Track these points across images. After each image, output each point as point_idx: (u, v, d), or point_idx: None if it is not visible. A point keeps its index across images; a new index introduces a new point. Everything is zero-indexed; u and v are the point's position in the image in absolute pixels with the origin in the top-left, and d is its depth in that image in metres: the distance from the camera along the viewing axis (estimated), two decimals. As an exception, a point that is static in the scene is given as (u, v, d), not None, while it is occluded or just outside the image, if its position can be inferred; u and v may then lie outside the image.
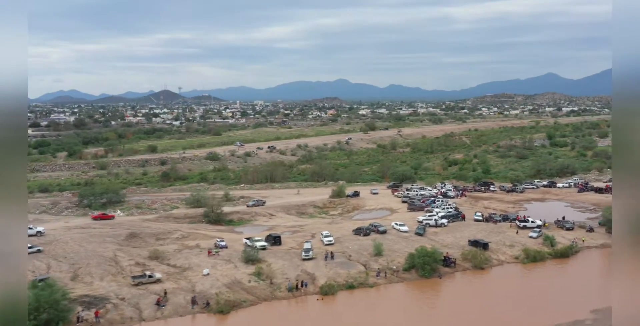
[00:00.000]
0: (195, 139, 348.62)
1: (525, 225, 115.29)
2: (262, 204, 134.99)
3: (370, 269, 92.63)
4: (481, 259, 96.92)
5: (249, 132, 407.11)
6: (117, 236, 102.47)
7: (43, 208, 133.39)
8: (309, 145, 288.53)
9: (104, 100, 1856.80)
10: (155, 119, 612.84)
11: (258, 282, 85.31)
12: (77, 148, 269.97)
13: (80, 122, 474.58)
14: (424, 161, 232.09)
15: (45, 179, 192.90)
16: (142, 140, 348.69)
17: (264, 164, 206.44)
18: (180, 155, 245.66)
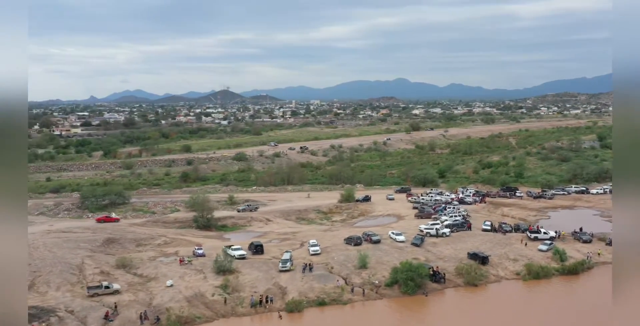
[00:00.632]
0: (234, 138, 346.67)
1: (537, 236, 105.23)
2: (254, 210, 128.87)
3: (350, 284, 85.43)
4: (476, 275, 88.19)
5: (292, 132, 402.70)
6: (93, 241, 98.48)
7: (44, 209, 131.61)
8: (344, 146, 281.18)
9: (167, 100, 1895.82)
10: (205, 118, 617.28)
11: (222, 296, 79.42)
12: (112, 148, 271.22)
13: (129, 122, 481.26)
14: (457, 163, 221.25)
15: (68, 178, 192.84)
16: (183, 140, 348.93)
17: (287, 165, 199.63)
18: (208, 155, 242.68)
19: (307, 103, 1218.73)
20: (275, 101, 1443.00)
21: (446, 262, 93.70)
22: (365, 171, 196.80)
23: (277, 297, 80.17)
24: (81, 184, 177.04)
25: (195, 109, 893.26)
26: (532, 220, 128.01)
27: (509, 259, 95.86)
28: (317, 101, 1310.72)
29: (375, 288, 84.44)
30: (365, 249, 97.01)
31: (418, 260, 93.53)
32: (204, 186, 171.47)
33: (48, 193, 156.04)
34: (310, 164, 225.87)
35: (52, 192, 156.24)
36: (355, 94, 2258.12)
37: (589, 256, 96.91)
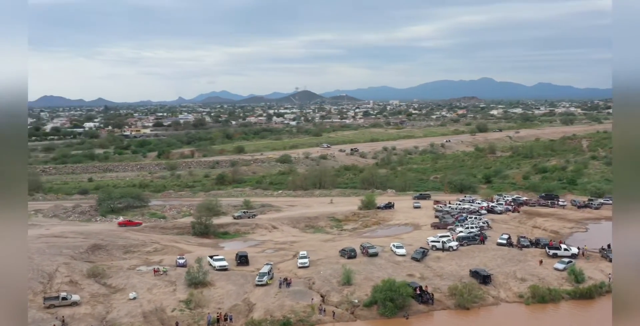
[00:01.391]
0: (293, 140, 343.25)
1: (556, 253, 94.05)
2: (251, 217, 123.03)
3: (327, 302, 78.35)
4: (469, 297, 78.78)
5: (354, 133, 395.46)
6: (78, 247, 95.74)
7: (60, 211, 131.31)
8: (398, 148, 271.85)
9: (249, 100, 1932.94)
10: (277, 119, 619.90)
11: (182, 312, 74.23)
12: (167, 148, 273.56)
13: (199, 123, 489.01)
14: (511, 168, 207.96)
15: (110, 179, 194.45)
16: (244, 140, 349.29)
17: (320, 169, 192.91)
18: (253, 157, 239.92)
19: (386, 103, 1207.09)
20: (354, 101, 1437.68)
21: (444, 280, 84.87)
22: (407, 174, 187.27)
23: (241, 315, 74.25)
24: (117, 185, 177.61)
25: (273, 110, 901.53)
26: (565, 233, 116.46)
27: (516, 278, 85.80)
28: (396, 101, 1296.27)
29: (352, 308, 76.97)
30: (358, 263, 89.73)
31: (413, 277, 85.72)
32: (234, 189, 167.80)
33: (76, 194, 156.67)
34: (355, 167, 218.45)
35: (80, 193, 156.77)
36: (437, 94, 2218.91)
37: (611, 278, 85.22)
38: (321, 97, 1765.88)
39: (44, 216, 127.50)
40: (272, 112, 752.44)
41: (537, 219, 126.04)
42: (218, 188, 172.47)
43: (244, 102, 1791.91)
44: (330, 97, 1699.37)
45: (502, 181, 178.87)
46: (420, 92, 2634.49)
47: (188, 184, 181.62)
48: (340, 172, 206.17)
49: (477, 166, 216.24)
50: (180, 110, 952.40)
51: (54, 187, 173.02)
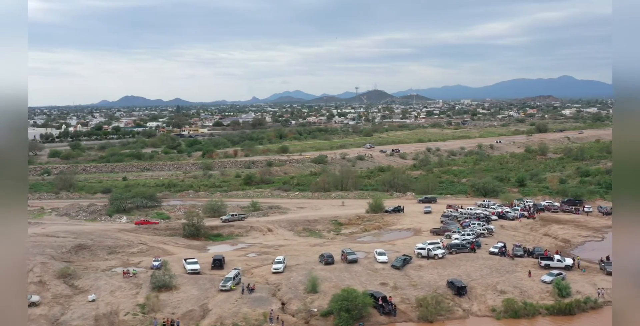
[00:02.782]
0: (343, 140, 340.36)
1: (549, 264, 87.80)
2: (240, 219, 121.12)
3: (287, 310, 75.94)
4: (434, 309, 74.43)
5: (407, 133, 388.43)
6: (62, 247, 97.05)
7: (73, 210, 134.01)
8: (443, 149, 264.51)
9: (321, 100, 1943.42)
10: (339, 118, 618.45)
11: (135, 316, 73.51)
12: (212, 148, 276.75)
13: (257, 122, 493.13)
14: (552, 170, 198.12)
15: (145, 179, 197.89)
16: (295, 140, 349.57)
17: (342, 171, 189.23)
18: (289, 157, 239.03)
19: (456, 103, 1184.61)
20: (424, 101, 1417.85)
21: (417, 290, 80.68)
22: (429, 177, 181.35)
23: (192, 321, 72.81)
24: (146, 184, 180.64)
25: (338, 109, 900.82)
26: (577, 242, 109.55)
27: (495, 291, 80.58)
28: (468, 100, 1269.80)
29: (309, 317, 74.16)
30: (333, 270, 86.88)
31: (386, 286, 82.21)
32: (254, 190, 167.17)
33: (99, 193, 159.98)
34: (390, 168, 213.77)
35: (102, 192, 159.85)
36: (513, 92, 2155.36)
37: (600, 292, 78.83)
38: (391, 96, 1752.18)
39: (57, 214, 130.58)
40: (335, 112, 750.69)
41: (553, 226, 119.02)
42: (242, 189, 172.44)
43: (316, 101, 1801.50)
44: (400, 97, 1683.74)
45: (536, 184, 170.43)
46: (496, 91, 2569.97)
47: (215, 184, 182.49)
48: (373, 173, 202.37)
49: (518, 168, 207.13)
50: (249, 110, 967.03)
51: (86, 185, 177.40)
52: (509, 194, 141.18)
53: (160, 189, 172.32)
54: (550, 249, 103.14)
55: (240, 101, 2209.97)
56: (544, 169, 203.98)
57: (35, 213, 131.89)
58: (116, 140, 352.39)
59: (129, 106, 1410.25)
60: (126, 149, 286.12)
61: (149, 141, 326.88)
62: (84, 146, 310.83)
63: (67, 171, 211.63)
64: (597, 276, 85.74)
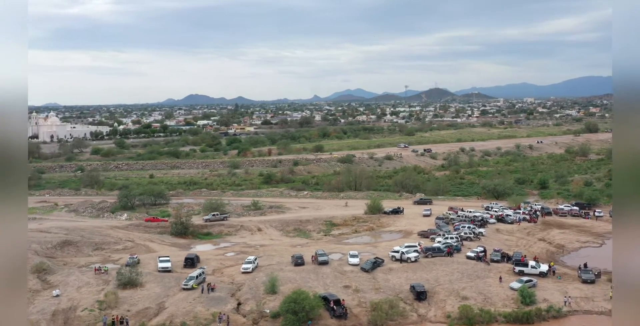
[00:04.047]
0: (383, 139, 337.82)
1: (523, 270, 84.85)
2: (222, 219, 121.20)
3: (241, 310, 76.35)
4: (388, 314, 73.28)
5: (451, 132, 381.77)
6: (48, 243, 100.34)
7: (85, 206, 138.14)
8: (478, 149, 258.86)
9: (382, 98, 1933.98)
10: (389, 117, 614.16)
11: (92, 312, 75.28)
12: (247, 146, 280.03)
13: (305, 121, 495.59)
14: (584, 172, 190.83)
15: (170, 176, 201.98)
16: (337, 139, 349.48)
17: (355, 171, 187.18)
18: (316, 156, 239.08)
19: (519, 101, 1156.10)
20: (485, 99, 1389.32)
21: (378, 294, 79.47)
22: (440, 179, 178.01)
23: (145, 319, 74.09)
24: (169, 182, 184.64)
25: (393, 108, 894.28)
26: (572, 248, 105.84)
27: (458, 296, 78.49)
28: (531, 99, 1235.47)
29: (259, 318, 74.26)
30: (301, 271, 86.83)
31: (348, 288, 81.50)
32: (268, 189, 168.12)
33: (117, 190, 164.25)
34: (417, 168, 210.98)
35: (120, 190, 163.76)
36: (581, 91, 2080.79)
37: (567, 301, 75.71)
38: (452, 94, 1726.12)
39: (67, 210, 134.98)
40: (389, 111, 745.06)
41: (554, 230, 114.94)
42: (258, 187, 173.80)
43: (376, 100, 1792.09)
44: (462, 95, 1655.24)
45: (559, 187, 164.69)
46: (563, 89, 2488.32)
47: (235, 183, 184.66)
48: (396, 173, 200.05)
49: (550, 170, 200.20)
50: (306, 108, 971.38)
51: (111, 183, 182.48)
52: (517, 197, 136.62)
53: (181, 186, 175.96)
54: (540, 255, 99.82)
55: (301, 100, 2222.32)
56: (576, 171, 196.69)
57: (47, 209, 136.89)
58: (162, 138, 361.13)
59: (192, 104, 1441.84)
60: (167, 147, 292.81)
61: (192, 139, 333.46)
62: (128, 144, 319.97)
63: (100, 168, 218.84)
64: (571, 284, 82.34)
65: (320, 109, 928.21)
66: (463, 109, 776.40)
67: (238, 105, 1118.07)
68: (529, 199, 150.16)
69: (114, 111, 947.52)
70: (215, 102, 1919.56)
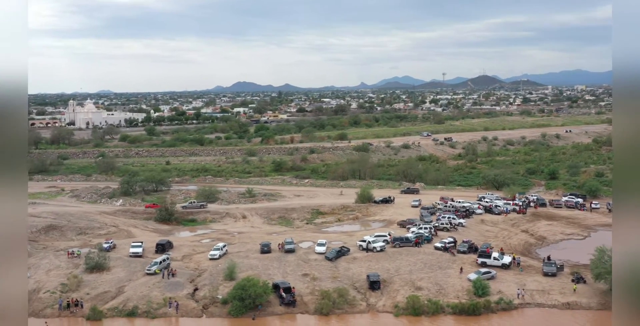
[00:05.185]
0: (411, 127, 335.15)
1: (485, 262, 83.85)
2: (199, 207, 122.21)
3: (196, 295, 77.98)
4: (335, 302, 73.85)
5: (482, 121, 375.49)
6: (33, 227, 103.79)
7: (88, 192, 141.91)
8: (501, 138, 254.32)
9: (429, 85, 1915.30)
10: (428, 105, 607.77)
11: (53, 294, 78.02)
12: (269, 134, 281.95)
13: (339, 108, 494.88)
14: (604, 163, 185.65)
15: (184, 163, 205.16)
16: (366, 127, 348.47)
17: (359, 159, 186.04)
18: (333, 144, 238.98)
19: (569, 88, 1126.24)
20: (534, 86, 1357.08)
21: (335, 283, 79.96)
22: (442, 168, 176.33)
23: (101, 302, 76.39)
24: (182, 169, 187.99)
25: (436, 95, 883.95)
26: (553, 240, 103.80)
27: (413, 286, 78.28)
28: (582, 86, 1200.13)
29: (209, 304, 75.80)
30: (264, 259, 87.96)
31: (307, 276, 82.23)
32: (272, 177, 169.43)
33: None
34: (433, 157, 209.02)
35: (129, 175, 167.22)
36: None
37: (520, 294, 74.68)
38: (501, 82, 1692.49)
39: (70, 196, 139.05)
40: (429, 99, 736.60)
41: (541, 222, 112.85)
42: (266, 175, 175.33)
43: (424, 87, 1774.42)
44: (510, 83, 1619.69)
45: (569, 177, 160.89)
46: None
47: (245, 170, 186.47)
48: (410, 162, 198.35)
49: (570, 160, 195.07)
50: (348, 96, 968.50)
51: (127, 169, 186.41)
52: (513, 187, 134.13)
53: (192, 173, 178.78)
54: (517, 246, 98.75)
55: (348, 87, 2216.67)
56: (594, 162, 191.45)
57: (52, 194, 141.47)
58: (193, 125, 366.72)
59: (238, 92, 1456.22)
60: (194, 134, 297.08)
61: (220, 126, 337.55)
62: (158, 131, 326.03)
63: (121, 154, 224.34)
64: (532, 276, 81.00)
65: (363, 96, 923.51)
66: (507, 97, 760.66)
67: (282, 92, 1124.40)
68: (534, 189, 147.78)
69: (160, 98, 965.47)
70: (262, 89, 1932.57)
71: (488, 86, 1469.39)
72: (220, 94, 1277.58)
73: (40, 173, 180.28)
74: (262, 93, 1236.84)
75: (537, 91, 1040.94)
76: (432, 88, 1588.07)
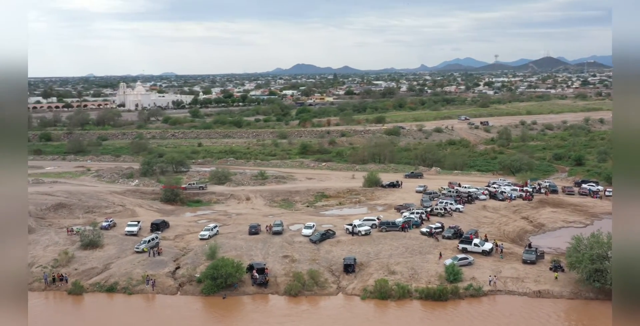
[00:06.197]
0: (452, 111, 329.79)
1: (466, 248, 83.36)
2: (198, 188, 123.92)
3: (176, 273, 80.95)
4: (306, 284, 75.42)
5: (530, 104, 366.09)
6: (43, 205, 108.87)
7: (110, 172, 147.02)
8: (540, 122, 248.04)
9: (492, 67, 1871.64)
10: (481, 87, 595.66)
11: (45, 268, 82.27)
12: (306, 117, 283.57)
13: (388, 91, 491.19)
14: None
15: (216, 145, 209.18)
16: (410, 110, 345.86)
17: (377, 142, 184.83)
18: (365, 128, 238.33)
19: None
20: (601, 68, 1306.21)
21: (313, 265, 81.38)
22: (457, 153, 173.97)
23: (86, 277, 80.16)
24: (210, 150, 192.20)
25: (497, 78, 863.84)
26: (551, 228, 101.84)
27: (388, 271, 78.73)
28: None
29: (186, 283, 78.54)
30: (251, 240, 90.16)
31: (287, 258, 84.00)
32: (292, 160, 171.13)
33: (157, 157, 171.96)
34: (464, 141, 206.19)
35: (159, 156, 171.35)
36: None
37: (491, 281, 74.17)
38: (566, 64, 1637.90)
39: (93, 175, 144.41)
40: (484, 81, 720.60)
41: (546, 209, 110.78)
42: (290, 158, 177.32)
43: (485, 69, 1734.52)
44: (576, 65, 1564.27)
45: (596, 164, 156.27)
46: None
47: (272, 153, 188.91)
48: (440, 146, 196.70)
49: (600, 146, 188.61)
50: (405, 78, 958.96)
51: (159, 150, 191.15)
52: (525, 173, 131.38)
53: (220, 155, 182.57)
54: (512, 233, 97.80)
55: (408, 69, 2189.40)
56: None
57: (77, 174, 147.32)
58: (238, 108, 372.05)
59: (296, 74, 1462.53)
60: (236, 116, 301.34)
61: (263, 108, 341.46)
62: (202, 113, 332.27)
63: (158, 136, 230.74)
64: (510, 264, 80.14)
65: (419, 79, 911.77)
66: (567, 80, 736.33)
67: (337, 75, 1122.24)
68: (555, 175, 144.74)
69: (218, 80, 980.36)
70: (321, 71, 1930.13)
71: (552, 68, 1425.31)
72: (278, 76, 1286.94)
73: (78, 153, 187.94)
74: (318, 75, 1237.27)
75: (602, 73, 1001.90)
76: (493, 70, 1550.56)
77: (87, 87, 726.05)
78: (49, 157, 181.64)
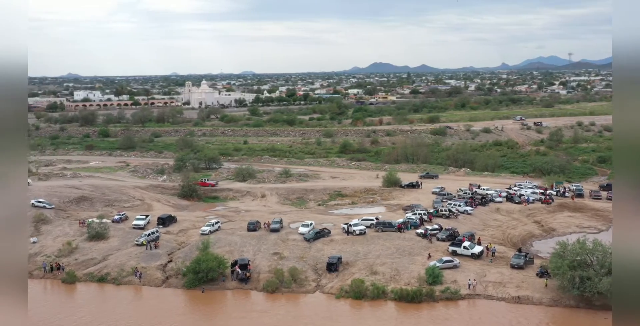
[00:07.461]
0: (514, 111, 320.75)
1: (456, 251, 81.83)
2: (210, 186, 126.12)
3: (167, 266, 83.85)
4: (284, 282, 76.57)
5: (597, 105, 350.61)
6: (66, 197, 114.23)
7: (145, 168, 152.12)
8: (599, 124, 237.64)
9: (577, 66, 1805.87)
10: (555, 87, 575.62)
11: (49, 258, 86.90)
12: (359, 116, 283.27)
13: (454, 90, 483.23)
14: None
15: (261, 143, 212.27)
16: (472, 110, 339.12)
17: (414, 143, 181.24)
18: (411, 128, 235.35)
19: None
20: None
21: (299, 263, 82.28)
22: (491, 154, 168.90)
23: (83, 267, 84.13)
24: (252, 148, 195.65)
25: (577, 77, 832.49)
26: (563, 233, 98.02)
27: (370, 271, 78.65)
28: None
29: (173, 275, 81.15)
30: (247, 236, 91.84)
31: (276, 255, 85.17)
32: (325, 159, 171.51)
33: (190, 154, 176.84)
34: (511, 142, 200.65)
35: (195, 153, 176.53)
36: None
37: (470, 284, 72.70)
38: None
39: (129, 171, 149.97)
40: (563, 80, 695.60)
41: (564, 213, 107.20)
42: (327, 157, 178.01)
43: (569, 68, 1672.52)
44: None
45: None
46: None
47: (311, 151, 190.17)
48: (484, 147, 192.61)
49: None
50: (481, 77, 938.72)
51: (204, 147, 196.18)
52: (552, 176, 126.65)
53: (261, 153, 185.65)
54: (516, 237, 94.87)
55: (487, 68, 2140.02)
56: None
57: (115, 169, 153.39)
58: (297, 106, 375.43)
59: (373, 73, 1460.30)
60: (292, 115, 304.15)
61: (320, 107, 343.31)
62: (260, 111, 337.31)
63: (208, 133, 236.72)
64: (497, 268, 78.27)
65: (494, 78, 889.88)
66: None
67: (410, 74, 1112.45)
68: (594, 179, 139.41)
69: (292, 79, 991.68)
70: (398, 70, 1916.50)
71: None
72: (353, 75, 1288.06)
73: (128, 149, 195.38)
74: (393, 74, 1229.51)
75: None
76: (578, 69, 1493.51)
77: (165, 85, 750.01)
78: (98, 152, 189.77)
